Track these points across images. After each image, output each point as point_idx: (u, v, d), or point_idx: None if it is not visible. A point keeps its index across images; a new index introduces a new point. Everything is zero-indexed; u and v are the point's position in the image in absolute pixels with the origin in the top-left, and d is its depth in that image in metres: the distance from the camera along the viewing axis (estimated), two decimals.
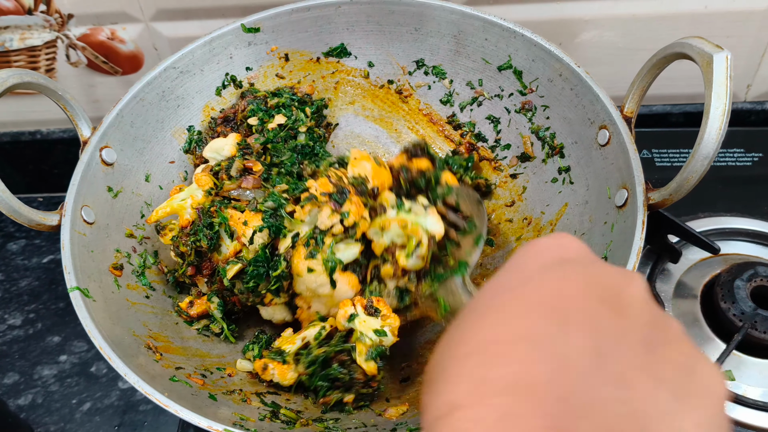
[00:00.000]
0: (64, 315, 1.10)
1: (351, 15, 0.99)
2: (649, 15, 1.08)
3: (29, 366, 1.04)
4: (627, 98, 0.82)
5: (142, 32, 1.11)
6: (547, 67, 0.91)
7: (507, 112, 0.99)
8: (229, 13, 1.07)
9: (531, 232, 0.94)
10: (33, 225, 0.80)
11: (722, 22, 1.08)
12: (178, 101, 0.98)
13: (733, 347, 0.87)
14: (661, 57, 0.77)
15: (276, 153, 0.96)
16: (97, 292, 0.79)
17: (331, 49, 1.03)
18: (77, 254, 0.80)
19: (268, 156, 0.96)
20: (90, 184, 0.86)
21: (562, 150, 0.92)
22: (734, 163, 1.13)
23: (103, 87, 1.19)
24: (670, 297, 0.96)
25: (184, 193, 0.88)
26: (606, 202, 0.83)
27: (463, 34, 0.97)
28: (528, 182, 0.97)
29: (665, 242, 0.95)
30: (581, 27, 1.09)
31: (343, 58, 1.04)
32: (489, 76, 0.98)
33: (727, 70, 0.67)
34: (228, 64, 1.00)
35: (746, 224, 1.03)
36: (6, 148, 1.26)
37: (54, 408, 0.99)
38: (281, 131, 0.97)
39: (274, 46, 1.02)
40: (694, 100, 1.20)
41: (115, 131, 0.90)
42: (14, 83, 0.80)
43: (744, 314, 0.89)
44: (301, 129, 0.98)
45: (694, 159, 0.69)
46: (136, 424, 0.96)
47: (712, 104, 0.67)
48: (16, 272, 1.17)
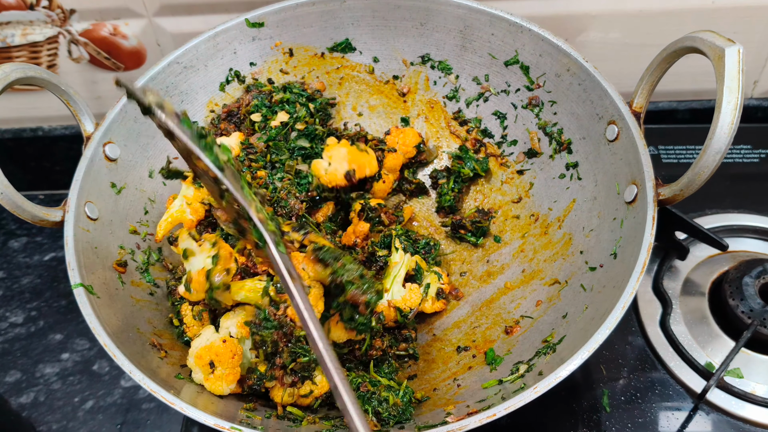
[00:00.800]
0: (66, 313, 1.09)
1: (356, 10, 0.99)
2: (656, 11, 1.07)
3: (31, 364, 1.03)
4: (636, 93, 0.81)
5: (145, 28, 1.10)
6: (554, 62, 0.90)
7: (514, 107, 0.98)
8: (233, 8, 1.07)
9: (538, 228, 0.94)
10: (36, 221, 0.80)
11: (729, 18, 1.08)
12: (182, 96, 0.97)
13: (741, 345, 0.86)
14: (671, 51, 0.76)
15: (276, 151, 0.95)
16: (101, 289, 0.79)
17: (336, 44, 1.03)
18: (81, 251, 0.79)
19: (269, 155, 0.95)
20: (93, 180, 0.85)
21: (569, 146, 0.92)
22: (742, 160, 1.12)
23: (106, 83, 1.18)
24: (677, 294, 0.96)
25: (178, 200, 0.88)
26: (615, 198, 0.82)
27: (469, 29, 0.96)
28: (535, 178, 0.97)
29: (673, 239, 0.95)
30: (588, 23, 1.09)
31: (348, 53, 1.03)
32: (495, 71, 0.98)
33: (739, 64, 0.66)
34: (232, 59, 1.00)
35: (754, 221, 1.02)
36: (8, 144, 1.26)
37: (56, 406, 0.98)
38: (283, 129, 0.96)
39: (279, 41, 1.01)
40: (700, 97, 1.19)
41: (118, 127, 0.90)
42: (17, 77, 0.79)
43: (753, 311, 0.88)
44: (298, 126, 0.97)
45: (705, 154, 0.68)
46: (139, 422, 0.95)
47: (724, 98, 0.66)
48: (17, 270, 1.16)
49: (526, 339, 0.83)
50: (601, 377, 0.90)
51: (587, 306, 0.77)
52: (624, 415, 0.86)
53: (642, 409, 0.87)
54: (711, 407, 0.86)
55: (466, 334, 0.90)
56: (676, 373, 0.89)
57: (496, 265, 0.96)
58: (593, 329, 0.68)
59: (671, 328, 0.92)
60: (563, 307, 0.82)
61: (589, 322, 0.72)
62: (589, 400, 0.88)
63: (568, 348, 0.71)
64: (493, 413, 0.64)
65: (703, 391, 0.85)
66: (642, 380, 0.89)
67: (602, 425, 0.86)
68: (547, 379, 0.65)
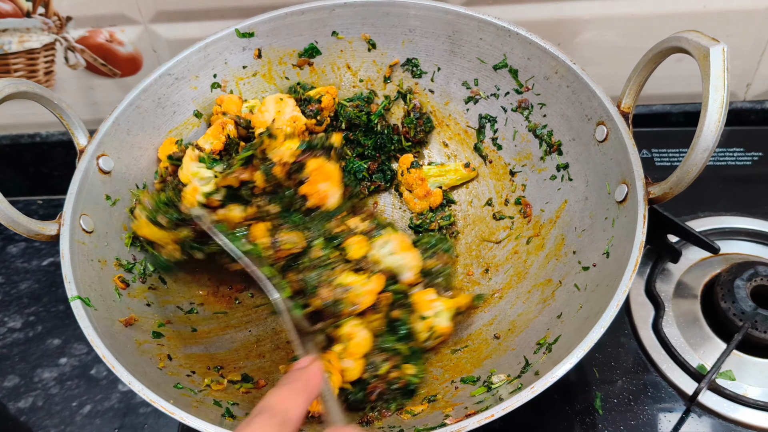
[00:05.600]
0: (64, 318, 1.10)
1: (346, 18, 0.99)
2: (648, 14, 1.07)
3: (29, 369, 1.04)
4: (623, 94, 0.82)
5: (141, 34, 1.11)
6: (542, 64, 0.91)
7: (503, 110, 0.98)
8: (228, 15, 1.08)
9: (531, 230, 0.94)
10: (32, 235, 0.80)
11: (722, 21, 1.08)
12: (174, 107, 0.98)
13: (733, 347, 0.86)
14: (657, 51, 0.76)
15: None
16: (98, 300, 0.79)
17: None
18: (77, 263, 0.79)
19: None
20: (88, 193, 0.86)
21: (560, 147, 0.92)
22: (734, 163, 1.12)
23: (102, 89, 1.19)
24: (670, 297, 0.96)
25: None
26: (606, 197, 0.83)
27: (458, 34, 0.97)
28: (527, 180, 0.97)
29: (665, 242, 0.95)
30: (581, 27, 1.09)
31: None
32: (485, 75, 0.98)
33: (724, 63, 0.67)
34: (223, 69, 1.00)
35: (746, 224, 1.02)
36: (6, 151, 1.27)
37: (54, 411, 0.98)
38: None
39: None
40: (693, 100, 1.19)
41: (111, 139, 0.90)
42: (10, 93, 0.80)
43: (744, 314, 0.88)
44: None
45: (693, 152, 0.69)
46: (137, 426, 0.96)
47: (710, 97, 0.67)
48: (16, 275, 1.17)
49: (522, 340, 0.83)
50: (594, 380, 0.90)
51: (581, 305, 0.77)
52: (617, 417, 0.86)
53: (634, 411, 0.87)
54: (703, 409, 0.86)
55: (461, 337, 0.90)
56: (669, 375, 0.89)
57: (489, 267, 0.96)
58: (588, 328, 0.68)
59: (664, 331, 0.92)
60: (558, 307, 0.82)
61: (583, 321, 0.72)
62: (582, 402, 0.88)
63: (564, 347, 0.71)
64: (491, 414, 0.64)
65: (695, 393, 0.85)
66: (634, 383, 0.89)
67: (595, 428, 0.86)
68: (543, 379, 0.66)
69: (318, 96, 0.98)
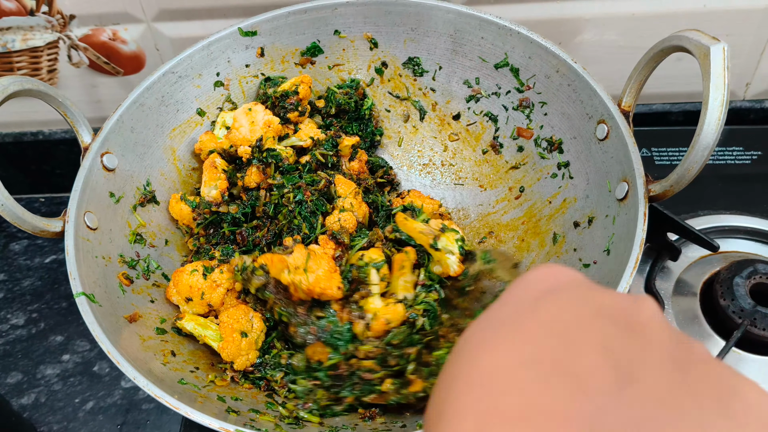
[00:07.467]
0: (66, 314, 1.11)
1: (348, 16, 1.00)
2: (648, 13, 1.08)
3: (32, 365, 1.04)
4: (624, 92, 0.83)
5: (144, 33, 1.12)
6: (544, 63, 0.91)
7: (505, 109, 0.99)
8: (231, 14, 1.08)
9: (532, 228, 0.95)
10: (37, 232, 0.81)
11: (721, 20, 1.08)
12: (177, 105, 0.98)
13: (732, 344, 0.87)
14: (658, 50, 0.77)
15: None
16: (103, 297, 0.79)
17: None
18: (81, 260, 0.80)
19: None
20: (92, 190, 0.86)
21: (561, 145, 0.93)
22: (733, 162, 1.13)
23: (105, 87, 1.20)
24: (669, 294, 0.96)
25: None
26: (607, 195, 0.83)
27: (459, 33, 0.97)
28: (528, 178, 0.97)
29: (665, 240, 0.95)
30: (582, 26, 1.10)
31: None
32: (486, 74, 0.99)
33: (725, 61, 0.67)
34: (226, 67, 1.00)
35: (745, 222, 1.03)
36: (8, 148, 1.27)
37: (57, 407, 0.99)
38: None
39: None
40: (693, 99, 1.20)
41: (115, 137, 0.91)
42: (15, 90, 0.80)
43: (743, 311, 0.89)
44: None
45: (694, 150, 0.69)
46: (139, 422, 0.96)
47: (710, 95, 0.67)
48: (18, 272, 1.18)
49: None
50: None
51: None
52: None
53: None
54: None
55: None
56: None
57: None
58: None
59: None
60: None
61: None
62: None
63: None
64: None
65: None
66: None
67: None
68: None
69: (293, 88, 0.99)
